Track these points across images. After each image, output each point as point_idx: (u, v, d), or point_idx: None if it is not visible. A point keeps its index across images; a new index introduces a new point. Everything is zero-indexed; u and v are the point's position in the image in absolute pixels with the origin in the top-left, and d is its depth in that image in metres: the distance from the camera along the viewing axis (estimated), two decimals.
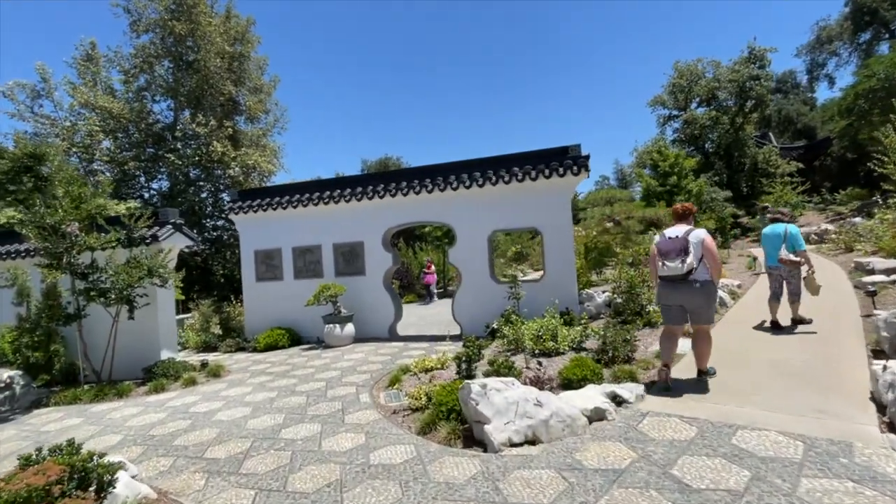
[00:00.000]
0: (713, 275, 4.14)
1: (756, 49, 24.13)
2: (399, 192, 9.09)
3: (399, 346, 8.29)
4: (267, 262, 10.21)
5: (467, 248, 8.89)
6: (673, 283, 4.19)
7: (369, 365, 6.90)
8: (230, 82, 21.97)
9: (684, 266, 4.01)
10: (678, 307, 4.27)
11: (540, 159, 8.58)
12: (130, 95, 21.30)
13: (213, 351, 9.92)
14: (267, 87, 25.06)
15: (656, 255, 4.26)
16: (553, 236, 8.41)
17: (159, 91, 21.64)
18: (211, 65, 20.96)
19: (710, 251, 4.12)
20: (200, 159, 20.34)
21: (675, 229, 4.32)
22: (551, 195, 8.43)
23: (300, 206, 9.72)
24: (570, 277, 8.31)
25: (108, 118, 19.74)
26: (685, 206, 4.52)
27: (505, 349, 6.50)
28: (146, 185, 22.24)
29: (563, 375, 4.53)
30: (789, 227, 6.11)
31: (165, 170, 21.07)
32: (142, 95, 21.23)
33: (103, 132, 19.61)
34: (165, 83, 21.25)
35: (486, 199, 8.77)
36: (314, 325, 9.51)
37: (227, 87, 21.58)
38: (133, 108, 20.36)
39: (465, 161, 9.11)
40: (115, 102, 19.84)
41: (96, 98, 19.67)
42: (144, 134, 20.75)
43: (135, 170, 20.26)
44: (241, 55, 22.88)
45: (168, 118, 22.42)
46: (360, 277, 9.52)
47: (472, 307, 8.78)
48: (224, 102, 22.36)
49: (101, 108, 19.50)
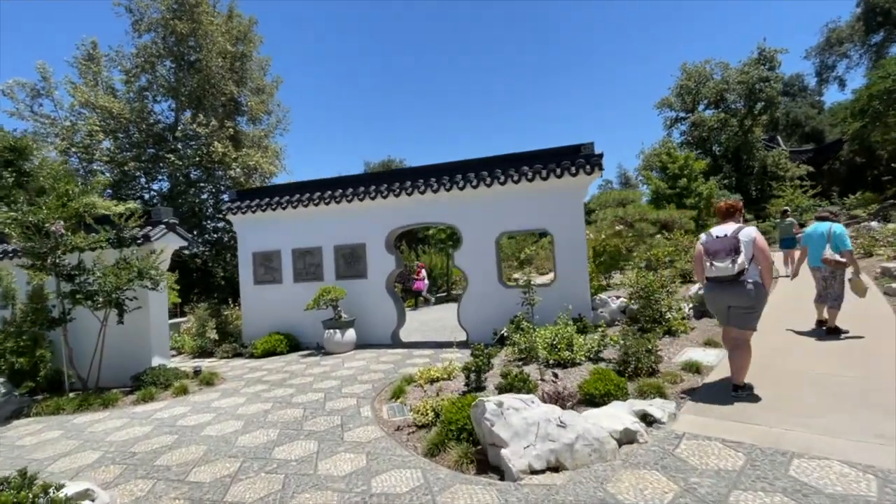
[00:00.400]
0: (764, 276, 3.90)
1: (766, 50, 23.74)
2: (403, 192, 8.71)
3: (402, 354, 7.89)
4: (265, 265, 9.85)
5: (474, 250, 8.50)
6: (721, 285, 3.98)
7: (371, 374, 6.50)
8: (232, 82, 21.72)
9: (735, 266, 3.79)
10: (728, 308, 4.03)
11: (551, 158, 8.19)
12: (132, 95, 21.07)
13: (209, 356, 9.54)
14: (269, 88, 24.82)
15: (703, 256, 4.05)
16: (565, 238, 8.01)
17: (161, 91, 21.40)
18: (213, 64, 20.72)
19: (762, 251, 3.88)
20: (201, 160, 20.06)
21: (723, 228, 4.07)
22: (563, 195, 8.04)
23: (300, 206, 9.36)
24: (582, 282, 7.90)
25: (109, 118, 19.48)
26: (730, 203, 4.29)
27: (516, 358, 6.09)
28: (146, 185, 21.94)
29: (584, 390, 4.12)
30: (834, 227, 5.81)
31: (166, 170, 20.78)
32: (143, 95, 20.98)
33: (103, 132, 19.33)
34: (167, 83, 21.00)
35: (494, 199, 8.38)
36: (314, 330, 9.12)
37: (228, 87, 21.32)
38: (134, 108, 20.11)
39: (471, 160, 8.73)
40: (115, 102, 19.58)
41: (97, 98, 19.42)
42: (145, 134, 20.50)
43: (135, 170, 19.97)
44: (243, 55, 22.65)
45: (169, 118, 22.17)
46: (361, 281, 9.14)
47: (479, 312, 8.38)
48: (225, 103, 22.10)
49: (101, 107, 19.25)
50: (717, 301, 4.10)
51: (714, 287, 4.06)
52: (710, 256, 3.96)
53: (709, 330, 6.42)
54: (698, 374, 4.62)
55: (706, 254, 4.00)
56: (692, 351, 5.45)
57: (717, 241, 3.95)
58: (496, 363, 6.03)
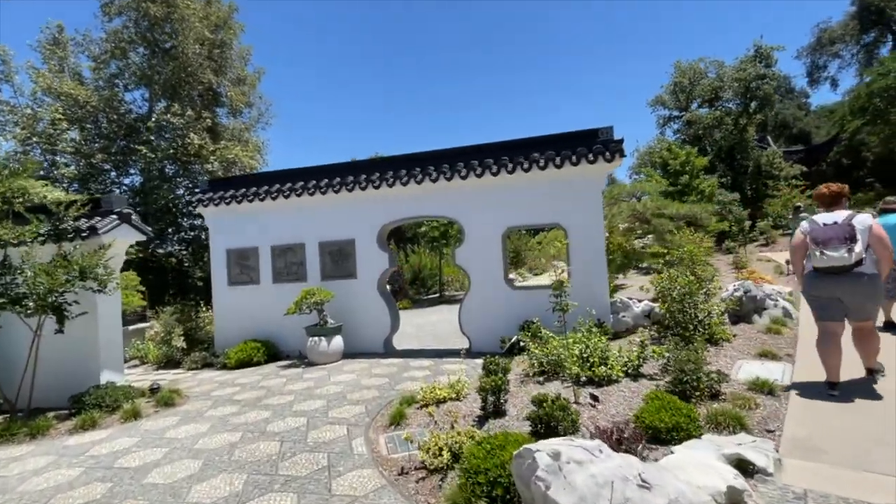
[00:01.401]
0: (883, 267, 3.58)
1: (763, 47, 23.39)
2: (398, 182, 7.73)
3: (397, 364, 6.91)
4: (241, 264, 8.76)
5: (478, 247, 7.57)
6: (834, 276, 3.62)
7: (363, 391, 5.51)
8: (210, 71, 20.43)
9: (852, 255, 3.46)
10: (837, 300, 3.69)
11: (564, 144, 7.31)
12: (101, 83, 19.61)
13: (176, 367, 8.41)
14: (251, 79, 23.57)
15: (808, 244, 3.73)
16: (580, 234, 7.14)
17: (133, 79, 19.98)
18: (189, 51, 19.41)
19: (881, 240, 3.48)
20: (176, 153, 18.74)
21: (832, 215, 3.72)
22: (579, 185, 7.16)
23: (281, 197, 8.30)
24: (600, 283, 7.03)
25: (75, 106, 18.03)
26: (835, 188, 3.82)
27: (534, 373, 5.17)
28: (117, 180, 20.48)
29: (643, 421, 3.21)
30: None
31: (139, 164, 19.35)
32: (113, 83, 19.54)
33: (68, 121, 17.85)
34: (139, 70, 19.57)
35: (502, 190, 7.47)
36: (295, 337, 8.08)
37: (206, 76, 20.02)
38: (102, 97, 18.68)
39: (475, 146, 7.80)
40: (81, 89, 18.14)
41: (61, 84, 17.97)
42: (115, 125, 19.08)
43: (103, 163, 18.52)
44: (223, 43, 21.37)
45: (142, 109, 20.75)
46: (350, 281, 8.13)
47: (484, 317, 7.45)
48: (203, 92, 20.81)
49: (65, 94, 17.80)
50: (824, 293, 3.73)
51: (824, 278, 3.68)
52: (819, 245, 3.59)
53: (753, 338, 5.60)
54: (771, 397, 3.75)
55: (813, 242, 3.63)
56: (749, 364, 4.60)
57: (828, 229, 3.58)
58: (510, 379, 5.10)
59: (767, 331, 5.71)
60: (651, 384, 4.34)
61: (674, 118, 27.97)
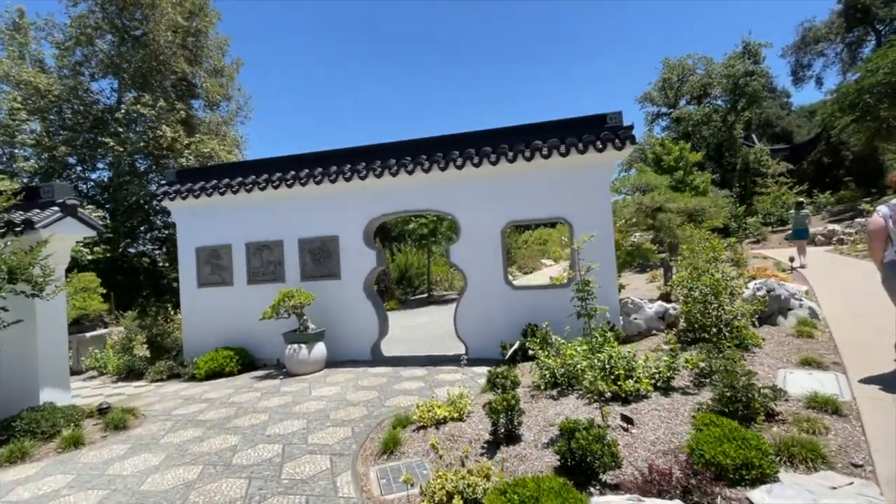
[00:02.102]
0: None
1: (751, 44, 23.29)
2: (387, 172, 7.01)
3: (387, 374, 6.21)
4: (212, 263, 7.92)
5: (475, 244, 6.91)
6: None
7: (349, 408, 4.79)
8: (184, 60, 19.32)
9: None
10: None
11: (569, 130, 6.69)
12: (65, 72, 18.36)
13: (139, 379, 7.54)
14: (228, 71, 22.52)
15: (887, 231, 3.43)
16: (587, 229, 6.52)
17: (100, 67, 18.76)
18: (161, 39, 18.31)
19: None
20: (147, 146, 17.60)
21: None
22: (585, 176, 6.56)
23: (256, 189, 7.50)
24: (609, 282, 6.44)
25: (35, 95, 16.78)
26: None
27: (546, 385, 4.52)
28: (83, 174, 19.23)
29: (701, 455, 2.58)
30: None
31: (108, 158, 18.15)
32: (78, 71, 18.30)
33: (28, 111, 16.60)
34: (107, 58, 18.36)
35: (501, 181, 6.82)
36: (273, 343, 7.30)
37: (179, 65, 18.92)
38: (66, 85, 17.47)
39: (472, 133, 7.13)
40: (42, 77, 16.89)
41: (20, 71, 16.72)
42: (81, 116, 17.85)
43: (65, 155, 17.28)
44: (198, 31, 20.29)
45: (111, 99, 19.52)
46: (333, 282, 7.38)
47: (482, 321, 6.79)
48: (176, 83, 19.70)
49: (25, 82, 16.55)
50: None
51: None
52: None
53: (784, 342, 5.06)
54: (839, 417, 3.17)
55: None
56: (794, 375, 4.03)
57: None
58: (519, 394, 4.45)
59: (798, 334, 5.18)
60: (687, 400, 3.73)
61: (662, 115, 27.79)
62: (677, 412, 3.51)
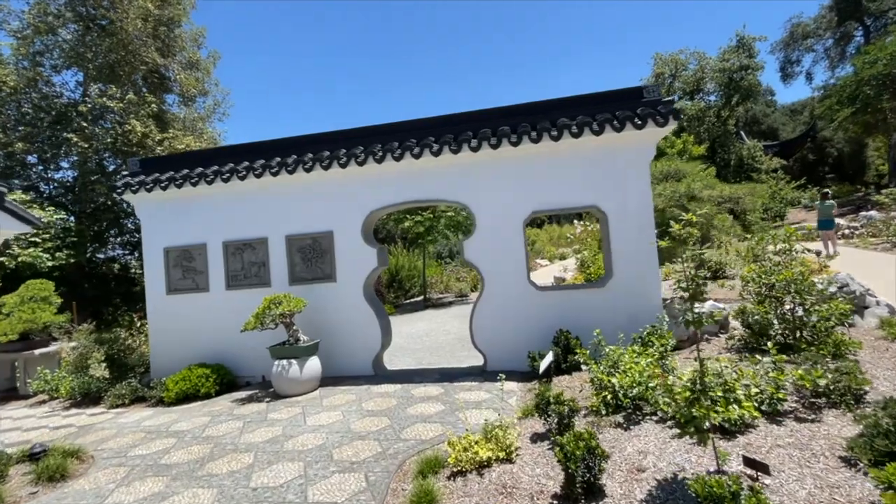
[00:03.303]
0: None
1: (745, 38, 22.98)
2: (389, 156, 6.03)
3: (395, 394, 5.21)
4: (184, 266, 6.80)
5: (492, 239, 5.96)
6: None
7: (356, 444, 3.79)
8: (155, 51, 17.96)
9: None
10: None
11: (599, 106, 5.81)
12: (24, 63, 16.85)
13: (96, 404, 6.37)
14: (205, 64, 21.18)
15: None
16: (623, 219, 5.65)
17: (62, 58, 17.29)
18: (130, 27, 16.94)
19: None
20: (115, 142, 16.23)
21: None
22: (622, 158, 5.69)
23: (235, 178, 6.42)
24: (651, 281, 5.57)
25: None
26: None
27: (607, 409, 3.60)
28: (44, 174, 17.73)
29: None
30: None
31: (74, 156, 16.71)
32: (38, 62, 16.82)
33: None
34: (71, 48, 16.92)
35: (523, 165, 5.90)
36: (257, 357, 6.25)
37: (150, 55, 17.55)
38: (24, 76, 16.00)
39: (489, 110, 6.19)
40: None
41: None
42: (41, 110, 16.38)
43: (24, 153, 15.80)
44: (171, 20, 18.94)
45: (76, 93, 18.06)
46: (327, 285, 6.35)
47: (502, 327, 5.85)
48: (147, 74, 18.32)
49: None
50: None
51: None
52: None
53: (877, 346, 4.24)
54: None
55: None
56: None
57: None
58: None
59: (892, 337, 4.38)
60: (811, 432, 2.85)
61: None
62: (812, 451, 2.62)
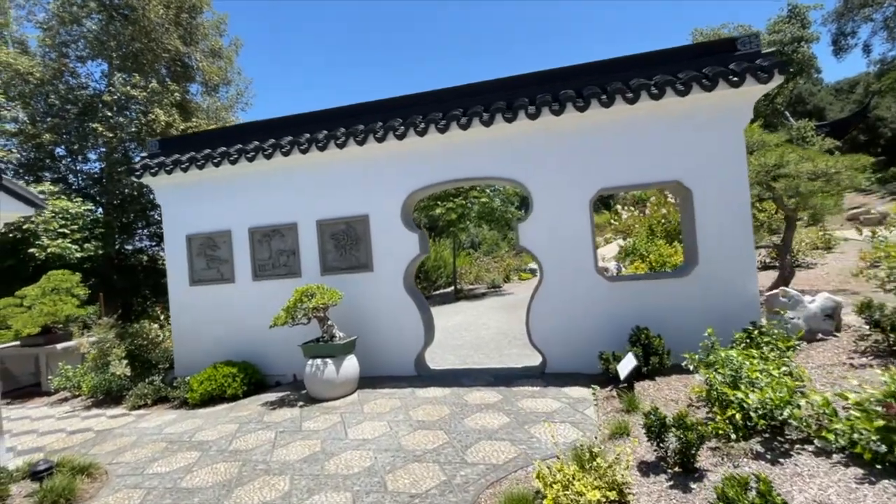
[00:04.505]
0: None
1: (798, 7, 21.17)
2: (433, 128, 5.26)
3: (446, 399, 4.51)
4: (208, 254, 6.24)
5: (552, 221, 5.15)
6: None
7: (412, 468, 3.10)
8: (178, 38, 17.62)
9: None
10: None
11: (681, 64, 4.90)
12: (52, 54, 16.72)
13: (117, 403, 5.90)
14: (227, 52, 20.81)
15: None
16: (712, 196, 4.77)
17: (87, 49, 17.11)
18: (152, 13, 16.60)
19: None
20: (139, 131, 15.99)
21: None
22: (710, 123, 4.78)
23: (260, 157, 5.78)
24: (747, 268, 4.69)
25: (16, 79, 15.19)
26: None
27: (736, 433, 2.80)
28: (72, 166, 17.69)
29: None
30: None
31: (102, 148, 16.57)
32: (63, 53, 16.68)
33: (6, 96, 15.01)
34: (95, 38, 16.71)
35: (590, 135, 5.05)
36: (287, 354, 5.65)
37: (172, 43, 17.20)
38: (50, 67, 15.86)
39: (547, 71, 5.35)
40: (24, 59, 15.28)
41: None
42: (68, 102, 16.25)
43: (51, 144, 15.70)
44: (193, 7, 18.55)
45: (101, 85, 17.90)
46: (363, 275, 5.68)
47: (565, 323, 5.06)
48: (170, 63, 18.01)
49: (4, 63, 14.95)
50: None
51: None
52: None
53: None
54: None
55: None
56: None
57: None
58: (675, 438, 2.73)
59: None
60: None
61: None
62: None
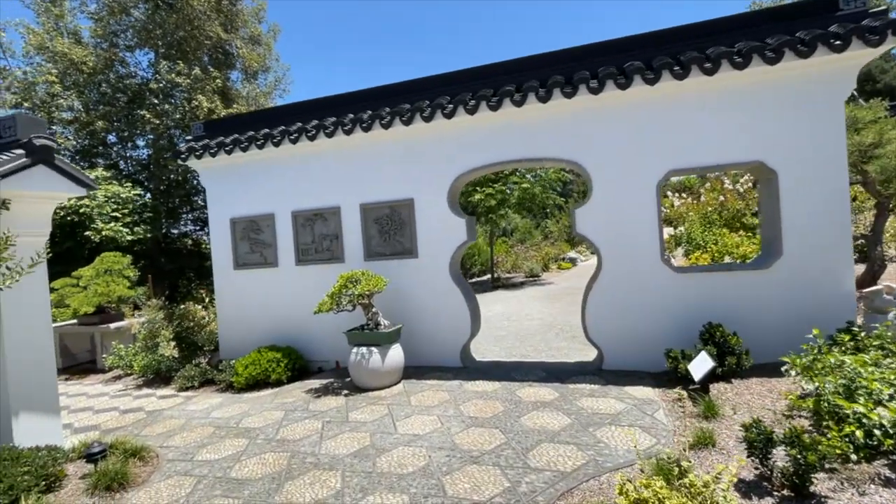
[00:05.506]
0: None
1: None
2: (483, 105, 4.92)
3: (497, 394, 4.25)
4: (251, 238, 6.19)
5: (613, 206, 4.75)
6: None
7: (470, 469, 2.87)
8: (219, 25, 17.84)
9: None
10: None
11: (766, 27, 4.35)
12: (103, 45, 17.29)
13: (166, 384, 5.99)
14: (266, 39, 20.97)
15: None
16: (801, 180, 4.24)
17: (135, 38, 17.59)
18: (195, 2, 16.85)
19: None
20: (183, 117, 16.37)
21: None
22: (803, 95, 4.23)
23: (303, 138, 5.62)
24: (843, 261, 4.16)
25: (70, 68, 15.80)
26: None
27: (858, 454, 2.40)
28: (122, 152, 18.36)
29: None
30: None
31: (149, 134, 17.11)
32: (113, 42, 17.21)
33: (62, 85, 15.65)
34: (142, 27, 17.15)
35: (657, 111, 4.59)
36: (330, 340, 5.54)
37: (214, 30, 17.44)
38: (101, 57, 16.39)
39: (610, 42, 4.89)
40: (78, 49, 15.85)
41: (54, 42, 15.72)
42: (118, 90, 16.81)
43: (103, 131, 16.30)
44: None
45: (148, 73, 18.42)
46: (407, 261, 5.47)
47: (625, 317, 4.68)
48: (212, 50, 18.29)
49: (60, 54, 15.56)
50: None
51: None
52: None
53: None
54: None
55: None
56: None
57: None
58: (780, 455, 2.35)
59: None
60: None
61: None
62: None
